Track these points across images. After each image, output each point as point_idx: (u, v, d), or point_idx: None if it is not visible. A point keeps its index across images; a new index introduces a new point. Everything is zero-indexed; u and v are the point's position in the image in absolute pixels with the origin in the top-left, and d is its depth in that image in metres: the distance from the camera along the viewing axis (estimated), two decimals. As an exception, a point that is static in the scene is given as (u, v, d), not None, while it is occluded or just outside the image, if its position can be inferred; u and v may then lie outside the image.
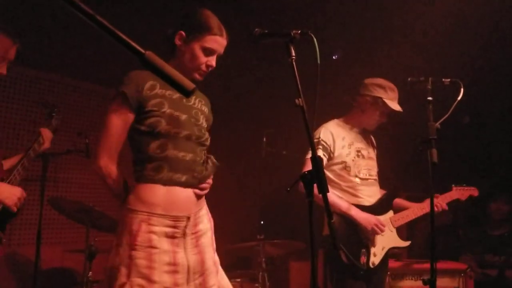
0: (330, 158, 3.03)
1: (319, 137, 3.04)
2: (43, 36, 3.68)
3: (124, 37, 0.83)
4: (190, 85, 0.87)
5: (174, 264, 1.92)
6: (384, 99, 2.98)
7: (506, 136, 4.90)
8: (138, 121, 1.98)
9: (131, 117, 1.97)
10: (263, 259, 3.82)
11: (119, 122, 1.96)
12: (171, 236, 1.94)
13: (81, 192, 4.51)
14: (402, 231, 3.16)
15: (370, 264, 2.92)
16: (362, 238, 2.94)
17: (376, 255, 2.95)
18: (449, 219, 4.32)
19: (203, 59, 2.08)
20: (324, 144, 3.01)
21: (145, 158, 1.97)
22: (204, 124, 2.16)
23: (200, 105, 2.20)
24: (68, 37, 3.81)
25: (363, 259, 2.86)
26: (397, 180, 4.25)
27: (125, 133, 1.99)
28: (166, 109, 1.98)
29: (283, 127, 4.44)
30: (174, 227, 1.95)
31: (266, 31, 1.93)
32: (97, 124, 4.63)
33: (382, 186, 3.24)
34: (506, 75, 4.47)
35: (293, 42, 1.86)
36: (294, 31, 1.85)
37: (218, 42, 2.10)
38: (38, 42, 3.58)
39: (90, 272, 3.33)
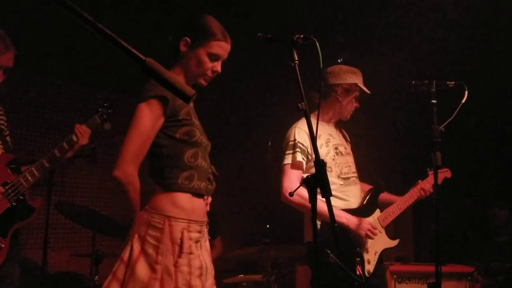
0: (309, 160, 2.80)
1: (295, 139, 2.79)
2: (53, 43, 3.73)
3: (124, 44, 0.85)
4: (190, 91, 0.88)
5: (200, 267, 1.97)
6: (358, 84, 2.90)
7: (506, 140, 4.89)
8: (169, 128, 1.96)
9: (161, 122, 1.93)
10: (269, 263, 3.82)
11: (152, 126, 1.91)
12: (197, 241, 1.99)
13: (87, 196, 4.54)
14: (390, 230, 2.98)
15: (366, 273, 2.71)
16: (355, 246, 2.72)
17: (370, 262, 2.76)
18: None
19: (209, 64, 2.08)
20: (301, 146, 2.78)
21: (179, 166, 1.96)
22: None
23: (194, 112, 2.20)
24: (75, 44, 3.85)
25: (358, 269, 2.62)
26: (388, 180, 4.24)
27: (152, 139, 1.94)
28: (193, 118, 2.02)
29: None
30: (200, 232, 2.01)
31: (269, 36, 1.94)
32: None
33: (365, 180, 3.11)
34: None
35: (296, 46, 1.87)
36: (296, 36, 1.86)
37: (223, 47, 2.10)
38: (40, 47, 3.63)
39: (97, 276, 3.34)
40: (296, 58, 1.86)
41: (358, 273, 2.61)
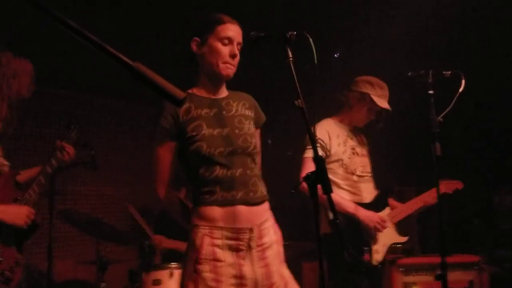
0: (326, 157, 3.04)
1: (316, 136, 3.00)
2: (52, 51, 3.71)
3: (112, 50, 0.84)
4: (180, 94, 0.87)
5: (240, 277, 1.91)
6: (371, 95, 3.01)
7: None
8: (183, 148, 2.02)
9: (174, 145, 2.04)
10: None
11: (165, 154, 2.04)
12: (236, 249, 1.94)
13: (90, 204, 4.53)
14: (400, 227, 3.19)
15: (374, 262, 2.95)
16: (364, 236, 2.97)
17: (378, 252, 2.99)
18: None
19: (223, 49, 2.01)
20: (321, 143, 3.01)
21: (198, 183, 1.99)
22: (251, 130, 2.10)
23: (243, 109, 2.14)
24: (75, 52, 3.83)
25: (366, 257, 2.90)
26: (393, 174, 4.24)
27: (173, 161, 2.06)
28: (205, 130, 1.97)
29: (288, 128, 4.42)
30: (237, 239, 1.94)
31: (262, 34, 1.92)
32: (103, 135, 4.66)
33: (378, 182, 3.26)
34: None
35: (290, 43, 1.85)
36: (290, 33, 1.85)
37: (231, 28, 2.03)
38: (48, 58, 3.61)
39: (103, 283, 3.33)
40: (291, 55, 1.85)
41: (366, 260, 2.90)
